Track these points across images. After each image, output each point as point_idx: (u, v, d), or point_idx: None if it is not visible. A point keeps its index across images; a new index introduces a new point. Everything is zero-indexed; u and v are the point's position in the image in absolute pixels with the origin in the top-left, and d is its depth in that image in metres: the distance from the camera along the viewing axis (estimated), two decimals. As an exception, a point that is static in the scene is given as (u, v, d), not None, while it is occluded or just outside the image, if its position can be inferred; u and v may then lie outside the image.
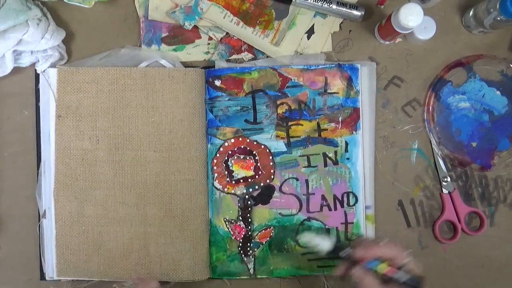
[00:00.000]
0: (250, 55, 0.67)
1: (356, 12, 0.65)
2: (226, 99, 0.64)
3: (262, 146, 0.65)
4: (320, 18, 0.67)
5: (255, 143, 0.65)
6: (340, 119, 0.65)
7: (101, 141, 0.64)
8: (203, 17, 0.65)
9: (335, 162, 0.65)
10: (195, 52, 0.67)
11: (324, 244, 0.56)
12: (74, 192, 0.64)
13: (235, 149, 0.65)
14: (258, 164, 0.65)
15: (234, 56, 0.67)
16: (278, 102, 0.65)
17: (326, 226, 0.65)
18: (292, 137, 0.65)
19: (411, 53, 0.67)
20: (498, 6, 0.60)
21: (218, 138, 0.65)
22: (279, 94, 0.65)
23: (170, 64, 0.65)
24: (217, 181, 0.65)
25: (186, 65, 0.67)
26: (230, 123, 0.65)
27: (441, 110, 0.67)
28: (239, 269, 0.65)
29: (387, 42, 0.67)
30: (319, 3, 0.65)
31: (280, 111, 0.65)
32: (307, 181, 0.65)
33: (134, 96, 0.64)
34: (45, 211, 0.64)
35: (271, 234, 0.65)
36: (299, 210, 0.65)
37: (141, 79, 0.64)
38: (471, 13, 0.65)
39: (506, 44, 0.68)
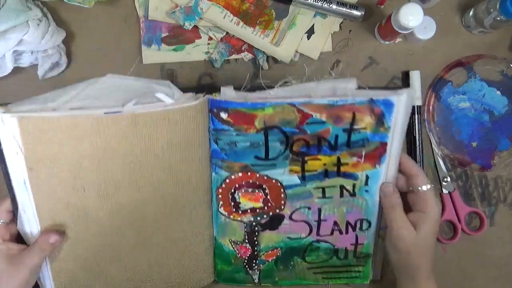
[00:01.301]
0: (250, 55, 0.67)
1: (356, 12, 0.65)
2: (234, 134, 0.54)
3: (273, 181, 0.57)
4: (320, 18, 0.67)
5: (265, 177, 0.57)
6: (363, 153, 0.55)
7: (87, 189, 0.54)
8: (203, 17, 0.65)
9: (353, 194, 0.58)
10: (195, 52, 0.67)
11: None
12: (65, 237, 0.57)
13: (243, 183, 0.57)
14: (268, 197, 0.58)
15: (234, 56, 0.67)
16: (295, 138, 0.54)
17: (335, 247, 0.62)
18: (308, 171, 0.57)
19: (411, 53, 0.67)
20: (498, 6, 0.60)
21: (224, 170, 0.57)
22: (297, 130, 0.54)
23: (166, 96, 0.51)
24: (222, 208, 0.59)
25: (186, 65, 0.67)
26: (237, 158, 0.55)
27: (441, 110, 0.67)
28: (244, 279, 0.64)
29: (387, 42, 0.67)
30: (319, 3, 0.65)
31: (295, 147, 0.55)
32: (319, 209, 0.59)
33: (123, 145, 0.52)
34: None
35: (278, 254, 0.62)
36: (309, 234, 0.61)
37: (130, 126, 0.51)
38: (471, 13, 0.65)
39: (506, 44, 0.68)
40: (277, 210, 0.59)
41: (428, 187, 0.54)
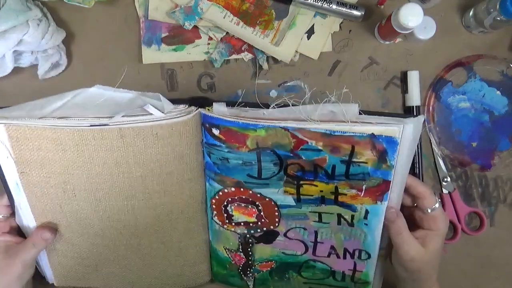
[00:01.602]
0: (250, 55, 0.67)
1: (356, 12, 0.65)
2: (226, 150, 0.52)
3: (267, 199, 0.55)
4: (320, 18, 0.67)
5: (258, 195, 0.55)
6: (364, 187, 0.52)
7: (78, 195, 0.54)
8: (203, 17, 0.65)
9: (351, 224, 0.55)
10: (195, 52, 0.67)
11: None
12: (60, 235, 0.58)
13: (236, 197, 0.56)
14: (262, 214, 0.56)
15: (234, 56, 0.67)
16: (289, 162, 0.52)
17: (332, 269, 0.59)
18: (303, 195, 0.54)
19: (411, 53, 0.67)
20: (498, 6, 0.60)
21: (217, 183, 0.55)
22: (291, 154, 0.51)
23: (155, 109, 0.50)
24: (216, 217, 0.58)
25: (186, 65, 0.67)
26: (230, 174, 0.54)
27: (441, 110, 0.67)
28: (239, 284, 0.64)
29: (387, 42, 0.67)
30: (319, 3, 0.64)
31: (290, 171, 0.52)
32: (316, 232, 0.57)
33: (111, 156, 0.52)
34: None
35: (272, 266, 0.61)
36: (304, 252, 0.59)
37: (118, 140, 0.51)
38: (471, 13, 0.65)
39: (506, 44, 0.68)
40: (271, 227, 0.58)
41: (437, 206, 0.53)
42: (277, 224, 0.57)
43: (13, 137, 0.51)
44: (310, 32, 0.67)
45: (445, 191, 0.67)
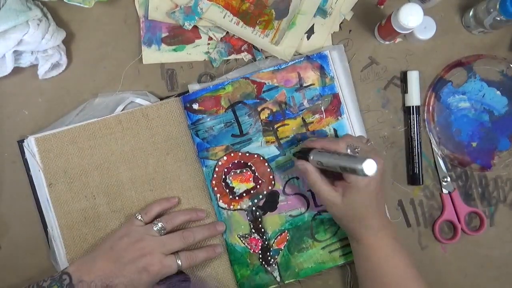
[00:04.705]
0: (249, 56, 0.67)
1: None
2: (208, 119, 0.63)
3: (255, 156, 0.64)
4: (320, 18, 0.67)
5: (247, 154, 0.64)
6: (322, 108, 0.64)
7: (97, 197, 0.64)
8: (202, 17, 0.65)
9: None
10: (195, 52, 0.67)
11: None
12: (86, 252, 0.63)
13: (230, 165, 0.64)
14: (256, 174, 0.64)
15: (233, 56, 0.67)
16: (259, 109, 0.64)
17: None
18: (281, 138, 0.64)
19: (411, 53, 0.67)
20: (498, 6, 0.60)
21: (211, 159, 0.64)
22: (258, 100, 0.64)
23: (146, 101, 0.65)
24: (221, 201, 0.64)
25: (186, 65, 0.67)
26: (218, 142, 0.64)
27: (441, 110, 0.67)
28: (265, 280, 0.64)
29: (387, 42, 0.67)
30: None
31: (263, 116, 0.64)
32: None
33: (116, 144, 0.64)
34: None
35: (287, 238, 0.64)
36: (308, 207, 0.64)
37: (117, 126, 0.64)
38: (471, 13, 0.65)
39: (506, 44, 0.68)
40: (270, 187, 0.64)
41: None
42: (273, 182, 0.64)
43: (41, 149, 0.63)
44: (310, 32, 0.67)
45: (445, 191, 0.67)
